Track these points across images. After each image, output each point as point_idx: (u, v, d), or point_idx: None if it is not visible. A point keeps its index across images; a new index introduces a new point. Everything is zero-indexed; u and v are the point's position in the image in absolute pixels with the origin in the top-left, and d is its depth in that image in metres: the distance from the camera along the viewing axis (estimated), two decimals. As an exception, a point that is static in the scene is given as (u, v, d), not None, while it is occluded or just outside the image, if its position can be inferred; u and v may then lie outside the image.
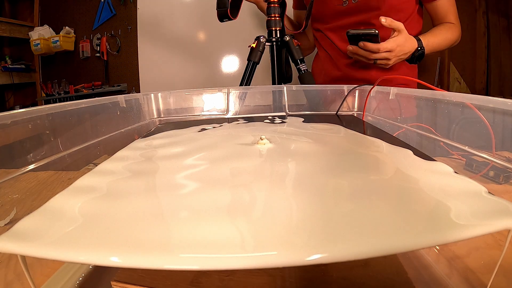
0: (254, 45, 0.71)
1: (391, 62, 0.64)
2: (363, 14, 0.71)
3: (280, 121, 0.47)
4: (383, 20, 0.58)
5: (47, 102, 2.09)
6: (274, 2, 0.70)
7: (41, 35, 2.03)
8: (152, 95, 0.56)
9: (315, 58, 0.89)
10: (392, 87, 0.48)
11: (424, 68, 1.80)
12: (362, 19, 0.71)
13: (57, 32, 2.07)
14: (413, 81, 0.76)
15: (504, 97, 0.28)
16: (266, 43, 0.72)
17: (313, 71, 0.87)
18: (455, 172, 0.23)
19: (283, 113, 0.55)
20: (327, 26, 0.77)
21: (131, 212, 0.18)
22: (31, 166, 0.31)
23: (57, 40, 2.02)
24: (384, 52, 0.60)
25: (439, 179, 0.22)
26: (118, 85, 2.10)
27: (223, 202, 0.19)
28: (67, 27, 2.09)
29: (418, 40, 0.66)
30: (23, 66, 2.16)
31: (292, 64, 0.74)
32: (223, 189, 0.21)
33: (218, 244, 0.15)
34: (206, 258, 0.14)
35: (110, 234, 0.16)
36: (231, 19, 0.67)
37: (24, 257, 0.16)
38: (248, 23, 0.84)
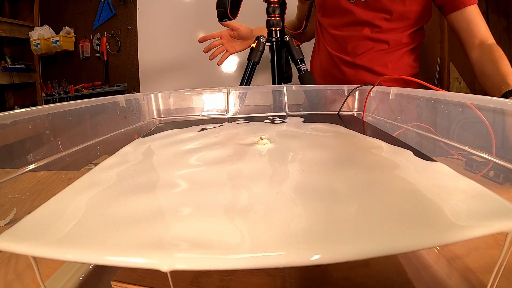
0: (254, 45, 0.72)
1: None
2: (369, 13, 0.69)
3: (280, 121, 0.47)
4: None
5: (47, 102, 2.09)
6: (274, 2, 0.70)
7: (41, 35, 2.03)
8: (152, 95, 0.56)
9: (313, 54, 0.88)
10: (392, 87, 0.48)
11: (424, 68, 1.80)
12: (367, 18, 0.70)
13: (57, 32, 2.07)
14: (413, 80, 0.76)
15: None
16: (266, 43, 0.72)
17: (312, 69, 0.87)
18: (455, 172, 0.23)
19: (283, 113, 0.55)
20: (330, 21, 0.76)
21: (131, 211, 0.18)
22: (31, 166, 0.31)
23: (57, 40, 2.02)
24: None
25: (439, 179, 0.22)
26: (118, 85, 2.10)
27: (222, 202, 0.19)
28: (67, 27, 2.09)
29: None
30: (23, 66, 2.16)
31: (292, 64, 0.74)
32: (222, 189, 0.21)
33: (218, 244, 0.15)
34: (206, 258, 0.14)
35: (110, 234, 0.16)
36: (231, 19, 0.67)
37: (34, 258, 0.16)
38: (248, 23, 0.84)
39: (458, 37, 0.65)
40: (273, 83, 0.74)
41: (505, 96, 0.50)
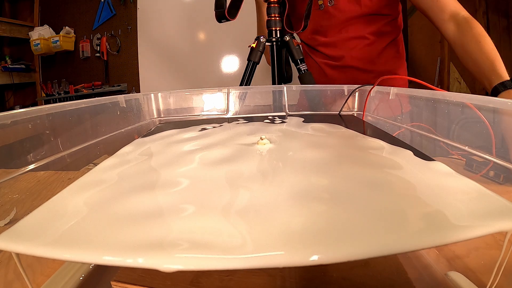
0: (254, 45, 0.71)
1: None
2: (342, 14, 0.71)
3: (280, 121, 0.47)
4: None
5: (47, 102, 2.10)
6: (274, 2, 0.70)
7: (41, 35, 2.03)
8: (152, 95, 0.56)
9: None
10: (392, 87, 0.48)
11: (424, 68, 1.80)
12: (344, 19, 0.71)
13: (57, 32, 2.08)
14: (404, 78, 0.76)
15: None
16: (266, 43, 0.72)
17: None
18: (455, 172, 0.23)
19: (283, 113, 0.55)
20: (305, 35, 0.77)
21: (131, 211, 0.18)
22: (31, 166, 0.31)
23: (57, 40, 2.03)
24: None
25: (439, 179, 0.22)
26: (118, 85, 2.10)
27: (223, 202, 0.19)
28: (67, 27, 2.09)
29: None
30: (23, 66, 2.16)
31: (292, 64, 0.74)
32: (222, 189, 0.21)
33: (218, 244, 0.15)
34: (206, 258, 0.14)
35: (110, 234, 0.16)
36: (229, 20, 0.67)
37: (18, 255, 0.16)
38: (248, 23, 0.84)
39: (428, 17, 0.60)
40: (273, 83, 0.74)
41: (496, 90, 0.48)
